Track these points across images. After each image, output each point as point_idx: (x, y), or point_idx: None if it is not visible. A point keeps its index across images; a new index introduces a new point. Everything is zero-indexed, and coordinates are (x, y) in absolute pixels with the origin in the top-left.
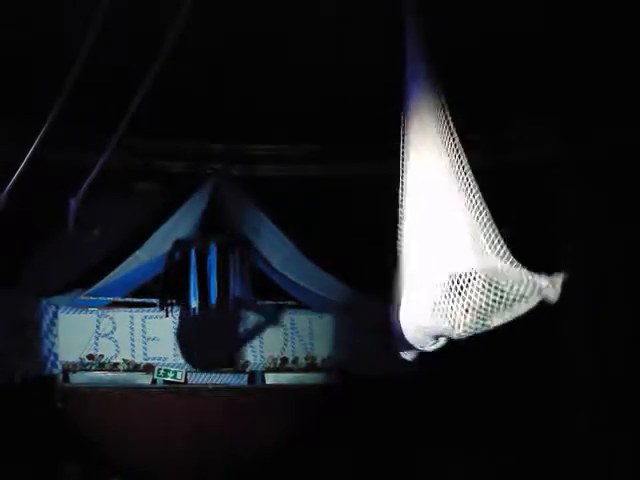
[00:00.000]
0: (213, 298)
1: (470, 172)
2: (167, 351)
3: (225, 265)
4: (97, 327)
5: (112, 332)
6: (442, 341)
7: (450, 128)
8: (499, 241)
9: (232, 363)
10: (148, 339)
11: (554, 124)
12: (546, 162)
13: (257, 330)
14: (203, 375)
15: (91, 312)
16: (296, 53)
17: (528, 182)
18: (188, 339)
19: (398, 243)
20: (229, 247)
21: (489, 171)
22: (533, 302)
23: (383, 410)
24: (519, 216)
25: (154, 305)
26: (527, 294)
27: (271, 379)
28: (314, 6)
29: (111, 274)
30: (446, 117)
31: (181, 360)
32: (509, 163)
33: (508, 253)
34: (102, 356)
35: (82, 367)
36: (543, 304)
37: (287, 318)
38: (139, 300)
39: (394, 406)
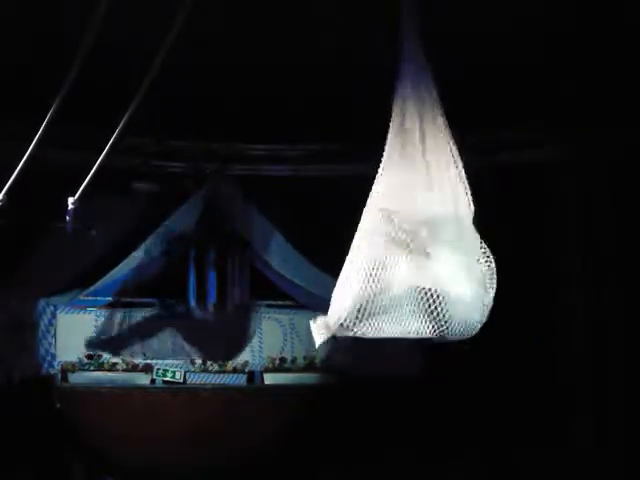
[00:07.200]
0: (212, 298)
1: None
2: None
3: (224, 265)
4: (96, 327)
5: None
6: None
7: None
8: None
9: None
10: None
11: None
12: (545, 162)
13: (256, 330)
14: (202, 375)
15: (90, 312)
16: (296, 53)
17: (527, 182)
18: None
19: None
20: (228, 247)
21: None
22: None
23: (381, 410)
24: (518, 216)
25: (153, 305)
26: None
27: (270, 379)
28: (314, 6)
29: (110, 274)
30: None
31: (180, 360)
32: (508, 163)
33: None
34: (101, 356)
35: (81, 367)
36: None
37: (286, 318)
38: (138, 300)
39: (392, 406)
